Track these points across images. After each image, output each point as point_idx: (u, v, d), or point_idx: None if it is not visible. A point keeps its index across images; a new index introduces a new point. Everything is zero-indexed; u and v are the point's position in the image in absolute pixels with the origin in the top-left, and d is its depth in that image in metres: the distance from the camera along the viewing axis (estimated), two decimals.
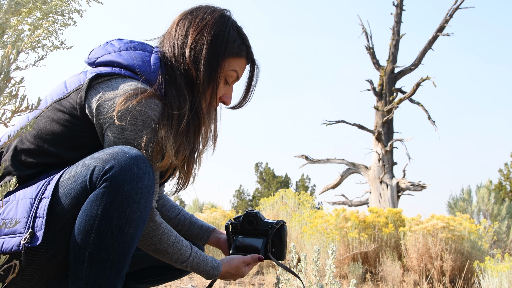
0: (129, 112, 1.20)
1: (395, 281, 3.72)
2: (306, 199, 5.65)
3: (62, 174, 1.17)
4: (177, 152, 1.26)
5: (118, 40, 1.38)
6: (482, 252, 3.97)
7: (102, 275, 1.10)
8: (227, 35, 1.38)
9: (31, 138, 1.26)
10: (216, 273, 1.40)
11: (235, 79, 1.45)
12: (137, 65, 1.30)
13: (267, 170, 24.58)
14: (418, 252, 3.89)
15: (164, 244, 1.29)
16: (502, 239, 6.96)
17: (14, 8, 0.85)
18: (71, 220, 1.13)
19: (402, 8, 11.07)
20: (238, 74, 1.44)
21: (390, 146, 10.14)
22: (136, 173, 1.12)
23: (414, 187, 9.66)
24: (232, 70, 1.41)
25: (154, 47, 1.41)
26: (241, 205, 23.01)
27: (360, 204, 10.55)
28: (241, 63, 1.43)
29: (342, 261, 4.06)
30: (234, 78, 1.44)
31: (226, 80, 1.42)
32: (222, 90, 1.42)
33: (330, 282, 1.71)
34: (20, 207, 1.14)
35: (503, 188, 14.10)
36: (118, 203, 1.09)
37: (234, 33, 1.41)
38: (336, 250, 1.72)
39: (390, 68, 10.84)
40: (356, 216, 4.21)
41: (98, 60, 1.33)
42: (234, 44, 1.40)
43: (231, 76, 1.42)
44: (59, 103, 1.28)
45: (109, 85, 1.25)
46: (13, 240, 1.10)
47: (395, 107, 10.33)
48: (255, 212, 1.58)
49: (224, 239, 1.68)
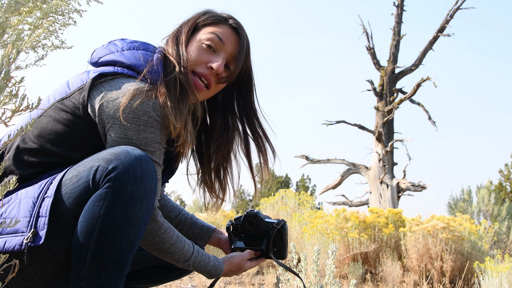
0: (131, 112, 1.20)
1: (395, 282, 3.71)
2: (306, 199, 5.65)
3: (65, 174, 1.17)
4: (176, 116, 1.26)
5: (121, 40, 1.39)
6: (482, 253, 3.97)
7: (104, 275, 1.10)
8: (198, 13, 1.47)
9: (34, 138, 1.26)
10: (218, 272, 1.40)
11: (218, 43, 1.40)
12: (140, 65, 1.30)
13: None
14: (418, 253, 3.89)
15: (166, 244, 1.29)
16: (502, 239, 6.96)
17: (14, 8, 0.85)
18: (73, 219, 1.13)
19: (403, 9, 11.07)
20: (219, 36, 1.40)
21: (390, 146, 10.13)
22: (139, 173, 1.12)
23: (415, 188, 9.66)
24: (210, 32, 1.41)
25: (156, 47, 1.41)
26: (241, 205, 23.01)
27: (360, 204, 10.56)
28: (220, 28, 1.43)
29: (342, 261, 4.06)
30: (216, 41, 1.40)
31: (209, 45, 1.40)
32: (205, 55, 1.39)
33: (330, 282, 1.71)
34: (23, 206, 1.14)
35: (503, 188, 14.10)
36: (121, 204, 1.09)
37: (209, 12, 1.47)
38: (336, 250, 1.72)
39: (390, 68, 10.84)
40: (356, 216, 4.21)
41: (101, 60, 1.34)
42: (206, 15, 1.45)
43: (212, 40, 1.40)
44: (61, 102, 1.28)
45: (112, 84, 1.25)
46: (16, 239, 1.10)
47: (396, 107, 10.33)
48: (255, 213, 1.58)
49: (225, 239, 1.69)
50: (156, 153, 1.25)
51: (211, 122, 1.55)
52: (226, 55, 1.41)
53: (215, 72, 1.39)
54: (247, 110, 1.54)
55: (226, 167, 1.54)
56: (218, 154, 1.51)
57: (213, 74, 1.39)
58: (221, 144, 1.51)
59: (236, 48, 1.44)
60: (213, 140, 1.52)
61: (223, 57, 1.40)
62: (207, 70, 1.39)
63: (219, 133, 1.51)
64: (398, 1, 11.03)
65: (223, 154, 1.52)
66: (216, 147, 1.51)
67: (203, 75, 1.38)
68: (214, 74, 1.39)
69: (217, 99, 1.54)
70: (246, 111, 1.54)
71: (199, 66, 1.38)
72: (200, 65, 1.38)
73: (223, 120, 1.53)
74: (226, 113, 1.54)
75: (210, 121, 1.55)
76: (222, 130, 1.52)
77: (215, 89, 1.43)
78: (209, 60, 1.39)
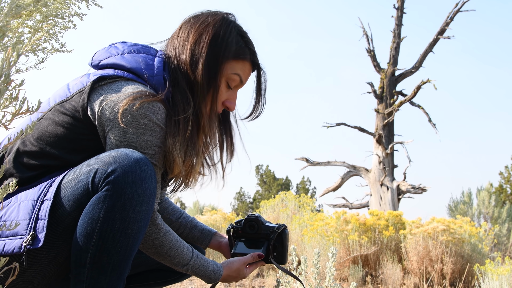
0: (131, 115, 1.20)
1: (395, 284, 3.71)
2: (307, 201, 5.64)
3: (64, 177, 1.17)
4: (184, 158, 1.27)
5: (122, 43, 1.38)
6: (482, 255, 3.96)
7: (103, 278, 1.10)
8: (227, 36, 1.36)
9: (33, 140, 1.26)
10: (217, 277, 1.39)
11: (239, 84, 1.41)
12: (140, 68, 1.30)
13: (267, 173, 24.57)
14: (419, 255, 3.89)
15: (165, 247, 1.28)
16: (502, 242, 6.95)
17: (14, 11, 0.85)
18: (72, 222, 1.12)
19: (403, 11, 11.08)
20: (241, 78, 1.40)
21: (390, 148, 10.13)
22: (139, 176, 1.12)
23: (415, 190, 9.65)
24: (234, 73, 1.38)
25: (158, 50, 1.40)
26: (241, 208, 22.99)
27: (360, 206, 10.54)
28: (244, 66, 1.40)
29: (342, 264, 4.06)
30: (237, 82, 1.40)
31: (229, 84, 1.40)
32: (224, 94, 1.39)
33: (330, 284, 1.71)
34: (22, 209, 1.14)
35: (503, 191, 14.08)
36: (120, 206, 1.09)
37: (236, 35, 1.38)
38: (336, 253, 1.72)
39: (390, 70, 10.85)
40: (356, 218, 4.21)
41: (102, 63, 1.34)
42: (236, 46, 1.37)
43: (234, 80, 1.39)
44: (61, 105, 1.28)
45: (112, 88, 1.25)
46: (15, 242, 1.10)
47: (396, 109, 10.33)
48: (256, 216, 1.58)
49: (225, 243, 1.68)
50: (155, 156, 1.25)
51: None
52: None
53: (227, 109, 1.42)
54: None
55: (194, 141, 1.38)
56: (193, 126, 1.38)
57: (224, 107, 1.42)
58: None
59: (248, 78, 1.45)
60: None
61: (236, 93, 1.43)
62: (221, 107, 1.41)
63: None
64: (398, 4, 11.04)
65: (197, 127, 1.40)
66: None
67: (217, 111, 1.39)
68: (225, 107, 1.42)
69: None
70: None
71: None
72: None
73: None
74: None
75: None
76: None
77: None
78: (227, 98, 1.41)
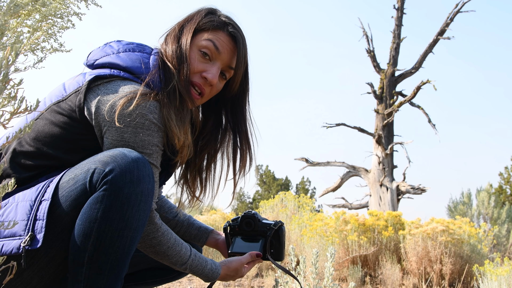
0: (128, 114, 1.20)
1: (394, 284, 3.71)
2: (306, 201, 5.64)
3: (62, 177, 1.17)
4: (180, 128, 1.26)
5: (117, 42, 1.38)
6: (481, 256, 3.96)
7: (101, 277, 1.10)
8: (199, 13, 1.41)
9: (30, 141, 1.26)
10: (215, 276, 1.40)
11: (214, 51, 1.37)
12: (136, 67, 1.30)
13: (267, 173, 24.58)
14: (418, 256, 3.89)
15: (163, 246, 1.28)
16: (502, 242, 6.95)
17: (13, 10, 0.85)
18: (70, 222, 1.12)
19: (403, 12, 11.09)
20: (215, 44, 1.36)
21: (390, 149, 10.13)
22: (136, 176, 1.12)
23: (414, 191, 9.65)
24: (204, 39, 1.36)
25: (153, 48, 1.41)
26: (241, 208, 22.99)
27: (360, 207, 10.54)
28: (217, 35, 1.38)
29: (341, 264, 4.06)
30: (212, 49, 1.36)
31: (204, 53, 1.37)
32: (200, 64, 1.36)
33: (329, 285, 1.71)
34: (20, 209, 1.14)
35: (503, 191, 14.09)
36: (118, 206, 1.09)
37: (207, 12, 1.42)
38: (335, 253, 1.72)
39: (390, 71, 10.85)
40: (355, 219, 4.20)
41: (97, 62, 1.33)
42: (206, 18, 1.40)
43: (207, 47, 1.36)
44: (58, 105, 1.28)
45: (108, 87, 1.25)
46: (13, 243, 1.10)
47: (396, 110, 10.33)
48: (252, 214, 1.58)
49: (222, 240, 1.68)
50: (153, 155, 1.25)
51: (203, 118, 1.53)
52: (222, 65, 1.39)
53: (209, 83, 1.37)
54: (238, 115, 1.52)
55: (210, 166, 1.52)
56: (205, 150, 1.50)
57: (207, 84, 1.37)
58: (210, 141, 1.50)
59: (233, 56, 1.40)
60: (202, 136, 1.50)
61: (218, 67, 1.37)
62: (201, 79, 1.36)
63: (210, 130, 1.50)
64: (398, 4, 11.04)
65: (210, 151, 1.50)
66: (204, 143, 1.50)
67: (198, 85, 1.36)
68: (208, 84, 1.38)
69: (211, 99, 1.52)
70: (237, 116, 1.52)
71: (194, 75, 1.36)
72: (195, 74, 1.36)
73: (216, 118, 1.52)
74: (219, 112, 1.53)
75: (202, 117, 1.54)
76: (213, 128, 1.51)
77: (209, 96, 1.42)
78: (204, 70, 1.36)
